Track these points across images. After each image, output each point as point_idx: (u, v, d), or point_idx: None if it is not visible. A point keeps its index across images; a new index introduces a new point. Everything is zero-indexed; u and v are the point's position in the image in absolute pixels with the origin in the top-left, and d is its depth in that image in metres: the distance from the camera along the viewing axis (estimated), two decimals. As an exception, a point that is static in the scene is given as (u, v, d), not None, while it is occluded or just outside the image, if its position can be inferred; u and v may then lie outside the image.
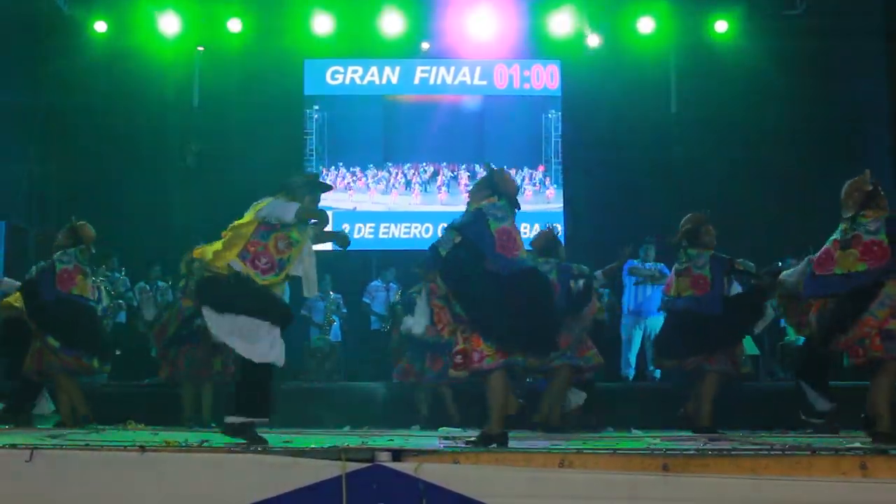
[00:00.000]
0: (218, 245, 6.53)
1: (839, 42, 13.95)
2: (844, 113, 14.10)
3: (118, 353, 9.85)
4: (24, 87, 14.02)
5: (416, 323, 10.04)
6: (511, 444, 6.06)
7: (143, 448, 5.33)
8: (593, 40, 14.62)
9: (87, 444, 5.66)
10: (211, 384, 10.23)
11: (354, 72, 14.99)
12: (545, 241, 9.07)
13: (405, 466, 5.02)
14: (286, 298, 12.52)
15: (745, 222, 13.09)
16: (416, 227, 14.71)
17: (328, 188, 7.10)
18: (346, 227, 14.40)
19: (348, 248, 7.08)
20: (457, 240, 6.29)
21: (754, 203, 13.70)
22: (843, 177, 13.72)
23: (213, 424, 9.31)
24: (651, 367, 12.11)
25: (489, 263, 6.25)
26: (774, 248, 9.62)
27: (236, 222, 6.59)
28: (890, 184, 13.29)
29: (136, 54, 14.25)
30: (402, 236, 14.69)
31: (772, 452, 5.11)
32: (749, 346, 10.85)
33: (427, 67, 15.06)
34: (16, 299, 9.11)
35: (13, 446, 5.41)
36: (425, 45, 15.00)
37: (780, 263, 9.81)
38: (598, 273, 9.20)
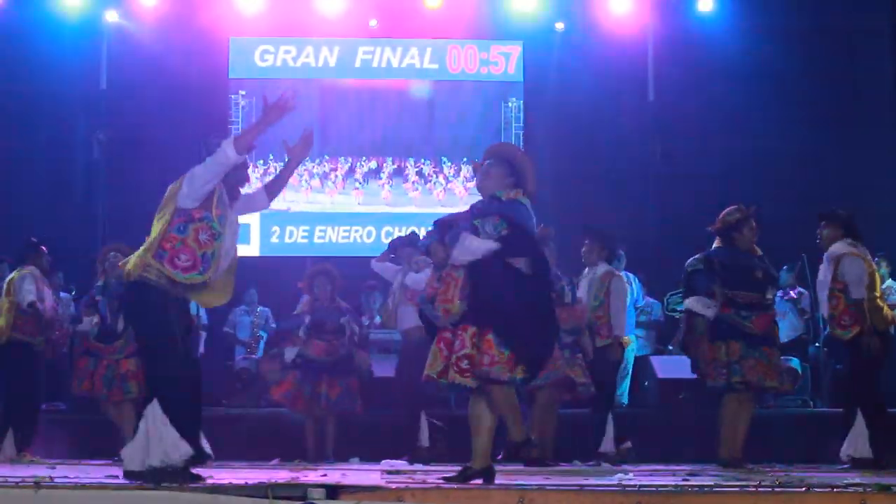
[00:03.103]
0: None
1: (838, 18, 14.10)
2: (844, 95, 14.25)
3: None
4: None
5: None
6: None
7: (37, 485, 5.23)
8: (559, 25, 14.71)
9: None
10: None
11: (287, 52, 14.94)
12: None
13: (342, 506, 4.98)
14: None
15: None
16: (356, 231, 14.67)
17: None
18: (275, 230, 14.34)
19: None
20: (504, 232, 6.16)
21: (743, 200, 13.75)
22: (841, 168, 13.96)
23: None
24: (619, 392, 12.03)
25: (530, 264, 6.17)
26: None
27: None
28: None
29: (35, 29, 14.07)
30: (341, 241, 14.66)
31: (760, 490, 5.12)
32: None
33: (370, 48, 15.02)
34: None
35: None
36: (373, 23, 14.93)
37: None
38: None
